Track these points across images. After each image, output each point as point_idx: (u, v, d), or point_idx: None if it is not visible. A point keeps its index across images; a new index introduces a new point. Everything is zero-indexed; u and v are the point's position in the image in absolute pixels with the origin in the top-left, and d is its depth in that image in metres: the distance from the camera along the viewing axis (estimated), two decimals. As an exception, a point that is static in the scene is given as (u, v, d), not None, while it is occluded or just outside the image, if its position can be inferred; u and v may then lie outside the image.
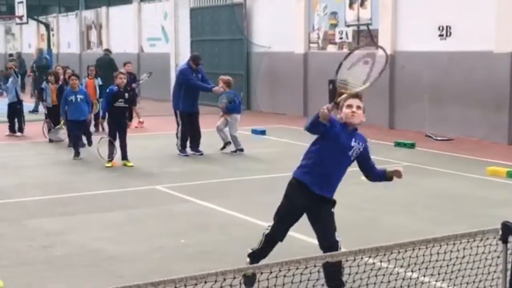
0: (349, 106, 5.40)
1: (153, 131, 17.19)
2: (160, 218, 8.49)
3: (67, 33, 35.14)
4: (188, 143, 13.35)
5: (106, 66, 21.44)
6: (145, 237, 7.61)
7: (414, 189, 10.24)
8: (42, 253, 7.01)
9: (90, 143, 13.79)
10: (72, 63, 27.38)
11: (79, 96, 12.90)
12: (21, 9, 28.03)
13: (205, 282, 3.17)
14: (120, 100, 11.86)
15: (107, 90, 12.18)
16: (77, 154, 12.74)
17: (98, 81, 15.97)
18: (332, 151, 5.36)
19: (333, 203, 5.54)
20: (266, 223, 8.03)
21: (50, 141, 14.55)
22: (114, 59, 22.11)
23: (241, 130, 16.84)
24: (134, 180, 10.93)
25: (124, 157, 12.02)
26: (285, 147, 14.51)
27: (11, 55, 32.60)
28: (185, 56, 21.85)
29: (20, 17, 28.45)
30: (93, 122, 16.07)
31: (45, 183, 10.71)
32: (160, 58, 26.39)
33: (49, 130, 14.74)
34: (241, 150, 13.45)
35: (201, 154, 13.20)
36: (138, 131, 16.70)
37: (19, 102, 16.06)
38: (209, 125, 13.85)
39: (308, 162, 5.46)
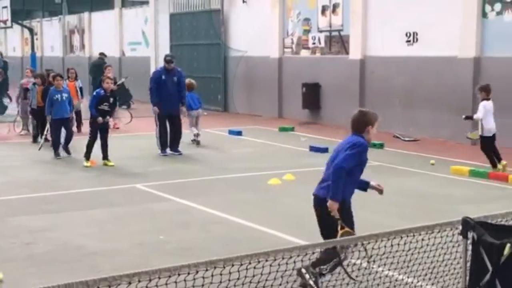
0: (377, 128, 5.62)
1: (134, 131, 17.12)
2: (141, 216, 8.46)
3: (50, 37, 34.85)
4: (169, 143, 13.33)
5: (99, 69, 21.50)
6: (126, 234, 7.59)
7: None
8: (25, 250, 6.96)
9: (69, 140, 13.18)
10: (56, 66, 27.16)
11: (64, 95, 12.86)
12: (5, 14, 27.66)
13: (179, 275, 3.18)
14: (105, 103, 11.86)
15: (94, 93, 12.11)
16: (58, 154, 12.71)
17: (79, 83, 15.88)
18: (361, 170, 5.65)
19: None
20: (242, 220, 8.11)
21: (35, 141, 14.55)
22: (95, 62, 22.05)
23: (218, 130, 16.91)
24: (115, 179, 10.90)
25: (105, 157, 11.98)
26: (260, 147, 14.55)
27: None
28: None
29: (5, 22, 28.08)
30: (75, 124, 15.95)
31: (30, 182, 10.62)
32: (141, 61, 26.30)
33: (33, 128, 14.85)
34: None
35: (180, 154, 13.17)
36: (119, 131, 16.65)
37: None
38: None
39: (348, 185, 5.50)
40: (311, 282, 5.06)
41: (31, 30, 29.13)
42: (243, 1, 21.38)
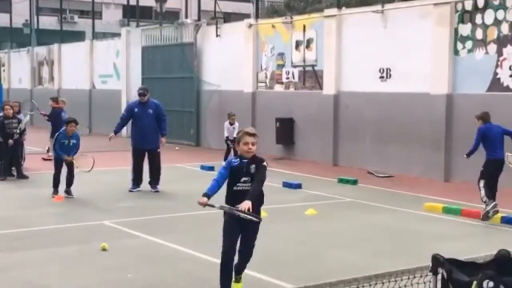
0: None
1: (104, 166, 16.83)
2: (108, 253, 8.27)
3: (18, 68, 34.47)
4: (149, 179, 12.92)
5: None
6: (92, 272, 7.40)
7: (355, 223, 10.30)
8: (-14, 290, 6.74)
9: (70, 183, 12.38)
10: (23, 98, 26.82)
11: (72, 141, 12.24)
12: (-28, 44, 27.44)
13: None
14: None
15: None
16: (56, 191, 12.20)
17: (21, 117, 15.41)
18: None
19: None
20: (211, 258, 7.95)
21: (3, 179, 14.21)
22: (65, 95, 21.89)
23: (191, 166, 16.75)
24: (82, 215, 10.66)
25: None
26: (233, 183, 14.38)
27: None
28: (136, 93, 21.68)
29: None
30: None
31: (-8, 218, 10.34)
32: (111, 94, 26.13)
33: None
34: None
35: (157, 191, 12.73)
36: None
37: None
38: (169, 161, 13.55)
39: None
40: None
41: (-2, 61, 28.86)
42: (217, 35, 21.47)
